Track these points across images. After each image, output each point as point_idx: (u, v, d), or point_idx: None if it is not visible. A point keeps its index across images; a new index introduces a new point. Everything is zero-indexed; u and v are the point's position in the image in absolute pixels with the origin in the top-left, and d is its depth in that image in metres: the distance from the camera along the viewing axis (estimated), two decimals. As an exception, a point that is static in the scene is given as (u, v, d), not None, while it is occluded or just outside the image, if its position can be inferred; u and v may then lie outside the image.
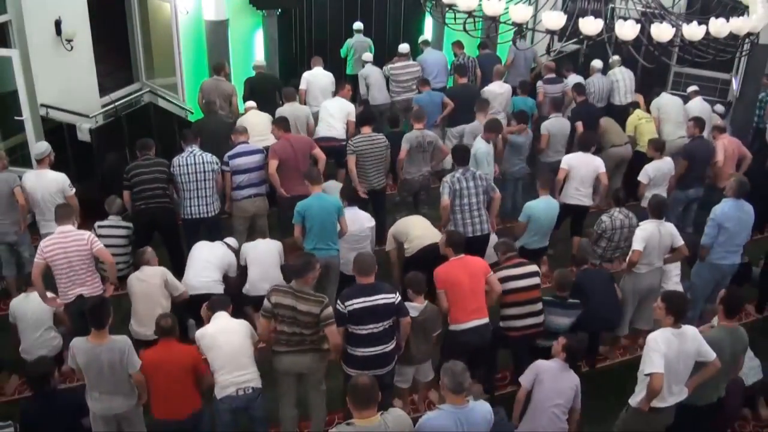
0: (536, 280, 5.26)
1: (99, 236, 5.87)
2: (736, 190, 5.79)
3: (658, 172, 6.84)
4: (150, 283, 5.31)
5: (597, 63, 8.90)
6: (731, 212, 5.75)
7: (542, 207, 6.42)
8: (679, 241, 5.60)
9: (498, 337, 5.28)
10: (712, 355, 4.24)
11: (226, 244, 5.97)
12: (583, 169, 6.72)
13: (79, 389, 4.64)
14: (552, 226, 6.53)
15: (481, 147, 6.85)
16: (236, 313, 4.96)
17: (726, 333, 4.42)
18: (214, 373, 4.52)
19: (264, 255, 5.82)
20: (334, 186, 6.71)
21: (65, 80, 7.92)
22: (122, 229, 6.21)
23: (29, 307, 5.31)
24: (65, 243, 5.14)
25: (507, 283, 5.15)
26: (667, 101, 8.17)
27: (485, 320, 5.04)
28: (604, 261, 6.40)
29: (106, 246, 5.74)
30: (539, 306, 5.27)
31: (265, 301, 4.53)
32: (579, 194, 6.82)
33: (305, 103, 8.23)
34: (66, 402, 4.51)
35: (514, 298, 5.16)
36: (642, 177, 6.86)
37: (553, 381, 4.44)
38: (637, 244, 5.48)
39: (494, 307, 5.23)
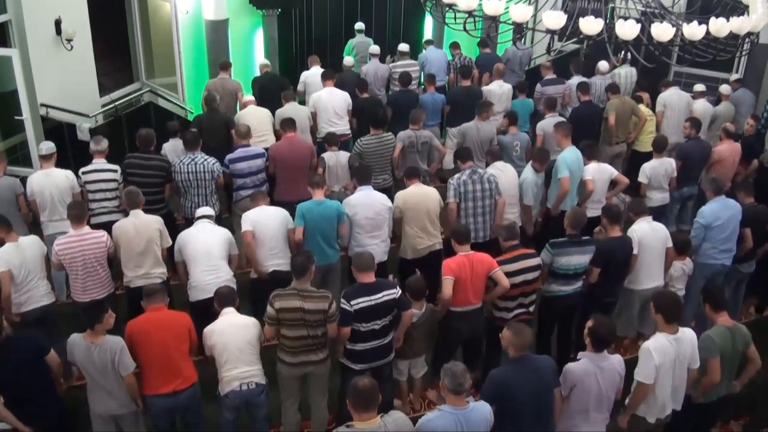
0: (535, 275, 5.14)
1: (86, 182, 5.96)
2: (714, 189, 5.88)
3: (653, 171, 6.78)
4: (147, 229, 5.32)
5: (602, 65, 8.87)
6: (719, 212, 5.79)
7: (573, 155, 6.39)
8: (670, 243, 5.59)
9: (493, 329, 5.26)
10: (697, 363, 4.29)
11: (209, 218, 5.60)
12: (599, 180, 6.50)
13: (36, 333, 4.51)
14: (578, 180, 6.47)
15: (528, 176, 6.34)
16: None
17: (728, 331, 4.41)
18: (218, 369, 4.52)
19: (271, 227, 5.55)
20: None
21: (65, 80, 7.93)
22: (109, 172, 6.07)
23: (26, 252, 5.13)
24: (83, 245, 5.13)
25: None
26: (673, 98, 8.06)
27: (478, 305, 5.08)
28: None
29: (95, 191, 5.88)
30: (532, 297, 5.23)
31: (269, 309, 4.49)
32: (598, 206, 6.42)
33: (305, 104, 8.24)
34: (21, 346, 4.27)
35: (509, 292, 5.08)
36: (641, 177, 6.82)
37: (596, 384, 4.08)
38: (633, 249, 5.46)
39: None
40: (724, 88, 8.56)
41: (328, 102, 7.65)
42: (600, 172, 6.51)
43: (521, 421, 3.95)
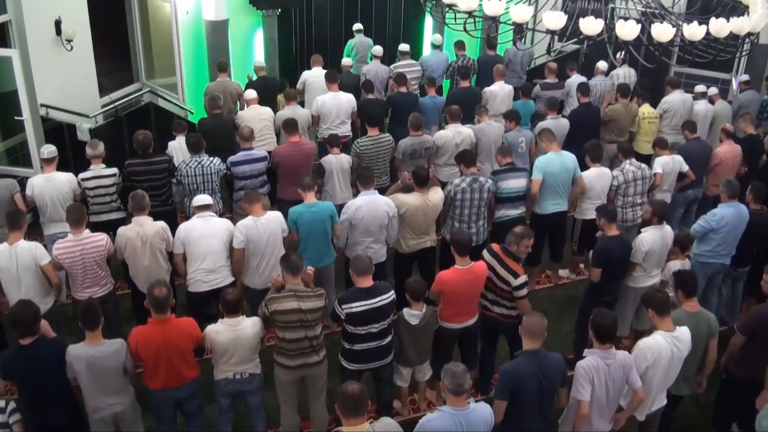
0: (506, 288, 4.96)
1: (85, 189, 5.98)
2: (729, 193, 5.84)
3: (667, 165, 6.75)
4: (152, 240, 5.27)
5: (601, 64, 8.87)
6: (730, 217, 5.79)
7: (551, 159, 6.36)
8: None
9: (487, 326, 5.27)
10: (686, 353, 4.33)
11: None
12: (598, 184, 6.46)
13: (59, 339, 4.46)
14: (570, 185, 6.45)
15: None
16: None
17: (686, 315, 4.41)
18: (215, 362, 4.57)
19: (266, 242, 5.39)
20: None
21: (65, 80, 7.93)
22: (108, 178, 6.07)
23: (18, 256, 4.99)
24: (83, 249, 5.11)
25: None
26: (676, 104, 8.03)
27: (474, 319, 5.11)
28: (625, 222, 6.41)
29: (95, 196, 5.93)
30: (511, 303, 5.07)
31: (263, 310, 4.49)
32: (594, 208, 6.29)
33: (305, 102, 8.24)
34: (49, 349, 4.21)
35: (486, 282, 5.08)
36: (656, 168, 6.72)
37: (603, 384, 4.10)
38: (636, 257, 5.46)
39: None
40: (711, 90, 8.57)
41: (332, 107, 7.62)
42: (600, 176, 6.47)
43: (525, 415, 4.00)
